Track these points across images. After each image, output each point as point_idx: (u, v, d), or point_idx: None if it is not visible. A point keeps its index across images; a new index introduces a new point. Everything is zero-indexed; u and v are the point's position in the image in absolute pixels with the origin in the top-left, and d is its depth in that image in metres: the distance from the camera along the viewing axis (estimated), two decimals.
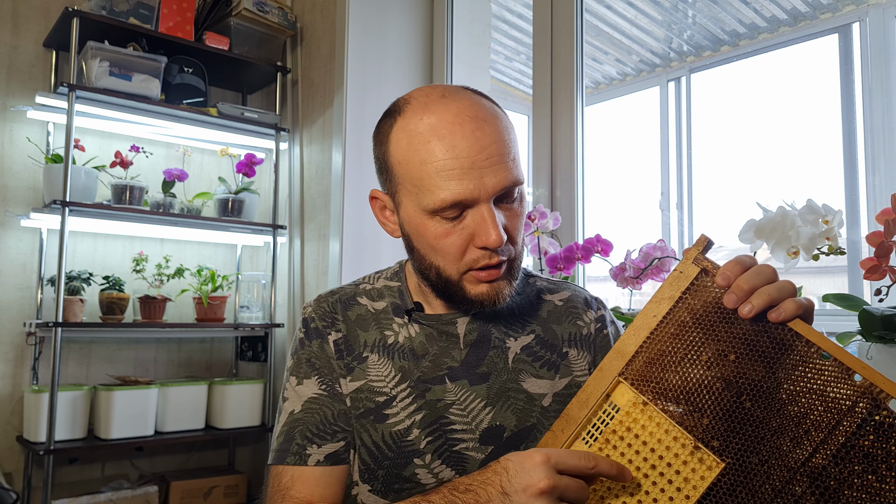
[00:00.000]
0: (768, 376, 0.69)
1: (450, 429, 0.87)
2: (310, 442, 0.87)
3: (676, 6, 2.28)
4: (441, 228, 0.81)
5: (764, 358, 0.69)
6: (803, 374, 0.68)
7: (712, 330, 0.72)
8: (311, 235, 2.43)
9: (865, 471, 0.64)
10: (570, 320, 0.96)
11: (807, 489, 0.65)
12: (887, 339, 1.07)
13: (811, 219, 1.14)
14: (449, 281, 0.84)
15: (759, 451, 0.67)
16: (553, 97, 1.92)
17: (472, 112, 0.80)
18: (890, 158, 1.51)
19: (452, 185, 0.78)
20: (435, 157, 0.78)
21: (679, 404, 0.70)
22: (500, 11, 2.60)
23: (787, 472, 0.66)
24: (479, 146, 0.78)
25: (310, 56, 2.53)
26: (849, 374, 0.67)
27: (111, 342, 2.41)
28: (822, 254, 1.14)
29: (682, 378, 0.71)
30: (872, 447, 0.64)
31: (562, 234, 1.84)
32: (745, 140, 1.94)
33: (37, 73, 2.31)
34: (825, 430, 0.66)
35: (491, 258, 0.82)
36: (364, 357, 0.91)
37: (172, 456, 2.51)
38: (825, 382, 0.67)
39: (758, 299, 0.68)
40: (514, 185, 0.81)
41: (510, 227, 0.83)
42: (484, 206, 0.79)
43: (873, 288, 1.09)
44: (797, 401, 0.67)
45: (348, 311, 0.95)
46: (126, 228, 2.39)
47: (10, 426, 2.20)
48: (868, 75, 1.58)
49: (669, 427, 0.70)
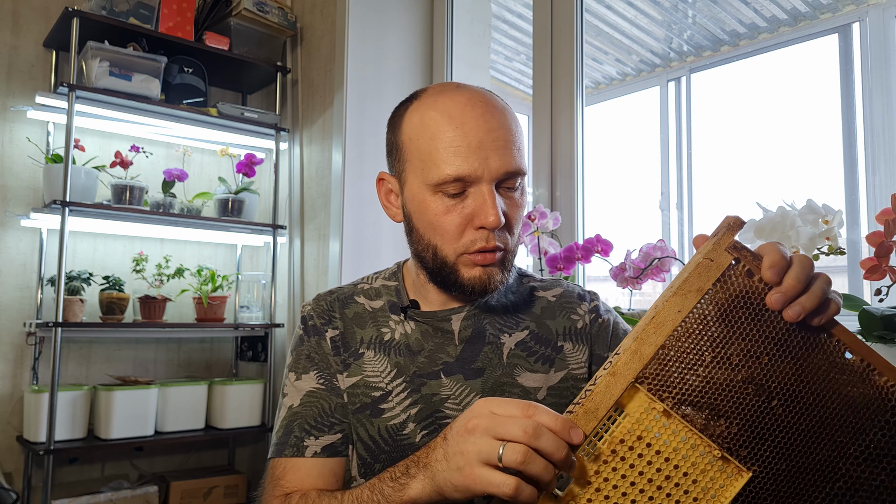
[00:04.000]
0: (798, 377, 0.64)
1: (445, 423, 0.88)
2: (307, 434, 0.88)
3: (676, 6, 2.28)
4: (442, 205, 0.83)
5: (794, 357, 0.65)
6: (829, 373, 0.64)
7: (740, 327, 0.65)
8: (311, 235, 2.43)
9: (890, 476, 0.63)
10: (564, 315, 0.97)
11: (836, 492, 0.64)
12: (887, 339, 1.07)
13: (811, 219, 1.14)
14: (445, 262, 0.86)
15: (788, 456, 0.63)
16: (553, 97, 1.92)
17: (483, 98, 0.85)
18: (890, 158, 1.51)
19: (458, 161, 0.81)
20: (444, 134, 0.82)
21: (702, 410, 0.64)
22: (500, 11, 2.60)
23: (817, 475, 0.64)
24: (487, 127, 0.82)
25: (310, 56, 2.53)
26: (874, 373, 0.64)
27: (111, 342, 2.41)
28: (822, 254, 1.14)
29: (706, 381, 0.64)
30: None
31: (562, 234, 1.84)
32: (745, 140, 1.94)
33: (37, 73, 2.31)
34: (852, 433, 0.64)
35: (488, 241, 0.83)
36: (360, 353, 0.93)
37: (172, 456, 2.50)
38: (851, 383, 0.64)
39: (810, 302, 0.62)
40: (518, 173, 0.84)
41: (509, 215, 0.85)
42: (486, 187, 0.82)
43: (873, 288, 1.09)
44: (824, 403, 0.64)
45: (346, 308, 0.97)
46: (126, 228, 2.39)
47: (10, 426, 2.20)
48: (868, 75, 1.58)
49: (689, 435, 0.64)
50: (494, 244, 0.83)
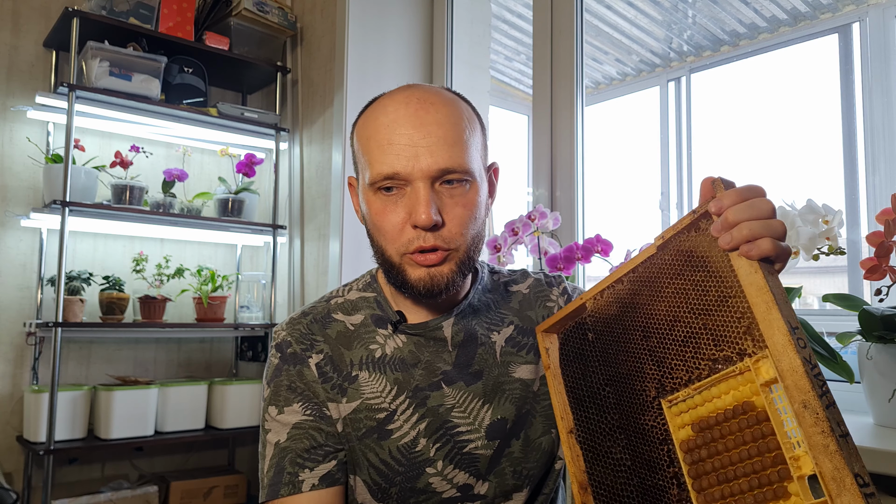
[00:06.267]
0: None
1: (456, 432, 0.87)
2: (301, 468, 0.83)
3: (676, 6, 2.28)
4: (382, 205, 0.82)
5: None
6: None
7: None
8: (311, 235, 2.43)
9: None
10: (540, 304, 0.98)
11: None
12: (887, 339, 1.07)
13: (811, 219, 1.14)
14: (391, 263, 0.84)
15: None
16: (553, 97, 1.92)
17: (422, 96, 0.83)
18: (890, 158, 1.51)
19: (390, 159, 0.80)
20: (379, 134, 0.82)
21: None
22: (500, 11, 2.60)
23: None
24: (419, 123, 0.80)
25: (310, 56, 2.53)
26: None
27: (111, 342, 2.41)
28: (822, 254, 1.14)
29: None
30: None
31: (562, 234, 1.84)
32: (745, 140, 1.94)
33: (37, 73, 2.31)
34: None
35: (425, 240, 0.80)
36: (354, 376, 0.88)
37: (172, 456, 2.50)
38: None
39: (738, 232, 0.61)
40: (455, 171, 0.81)
41: (452, 215, 0.82)
42: (419, 184, 0.80)
43: (873, 288, 1.09)
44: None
45: (327, 329, 0.91)
46: (126, 228, 2.39)
47: (10, 426, 2.20)
48: (868, 75, 1.58)
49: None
50: (432, 244, 0.80)
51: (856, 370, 1.13)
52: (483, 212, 0.87)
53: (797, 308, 1.58)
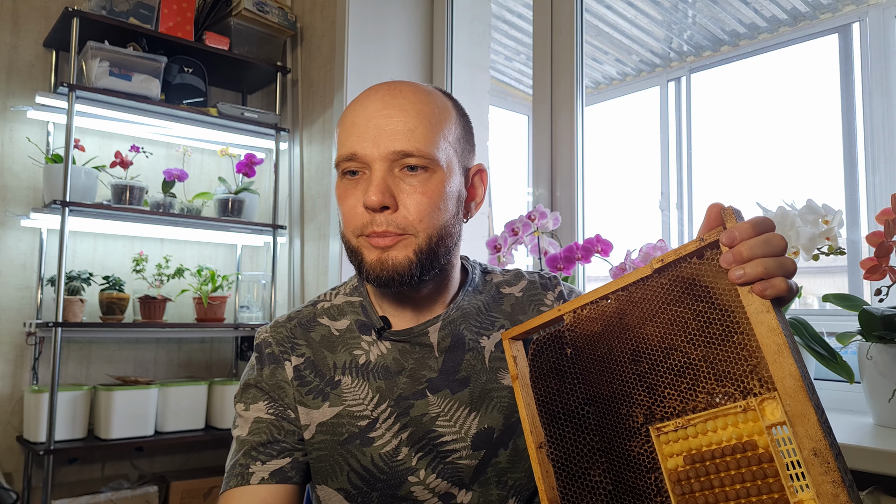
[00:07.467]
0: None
1: (439, 441, 0.86)
2: (253, 460, 0.83)
3: (676, 6, 2.28)
4: (344, 189, 0.84)
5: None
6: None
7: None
8: (311, 235, 2.43)
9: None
10: (533, 308, 0.96)
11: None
12: (887, 339, 1.07)
13: (811, 219, 1.14)
14: (350, 245, 0.84)
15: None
16: (553, 97, 1.92)
17: (395, 84, 0.85)
18: (890, 158, 1.51)
19: (350, 141, 0.82)
20: (346, 118, 0.84)
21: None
22: (500, 11, 2.60)
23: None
24: (382, 107, 0.82)
25: (310, 56, 2.53)
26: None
27: (111, 342, 2.41)
28: (822, 254, 1.14)
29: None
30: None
31: (562, 234, 1.84)
32: (745, 140, 1.94)
33: (37, 73, 2.31)
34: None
35: (377, 225, 0.80)
36: (337, 381, 0.87)
37: (172, 456, 2.51)
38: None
39: (752, 268, 0.59)
40: (412, 155, 0.80)
41: (409, 201, 0.81)
42: (376, 165, 0.81)
43: (873, 288, 1.09)
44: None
45: (311, 332, 0.91)
46: (126, 228, 2.39)
47: (10, 426, 2.20)
48: (868, 75, 1.58)
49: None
50: (384, 228, 0.80)
51: (856, 370, 1.13)
52: (452, 205, 0.84)
53: (797, 308, 1.58)
